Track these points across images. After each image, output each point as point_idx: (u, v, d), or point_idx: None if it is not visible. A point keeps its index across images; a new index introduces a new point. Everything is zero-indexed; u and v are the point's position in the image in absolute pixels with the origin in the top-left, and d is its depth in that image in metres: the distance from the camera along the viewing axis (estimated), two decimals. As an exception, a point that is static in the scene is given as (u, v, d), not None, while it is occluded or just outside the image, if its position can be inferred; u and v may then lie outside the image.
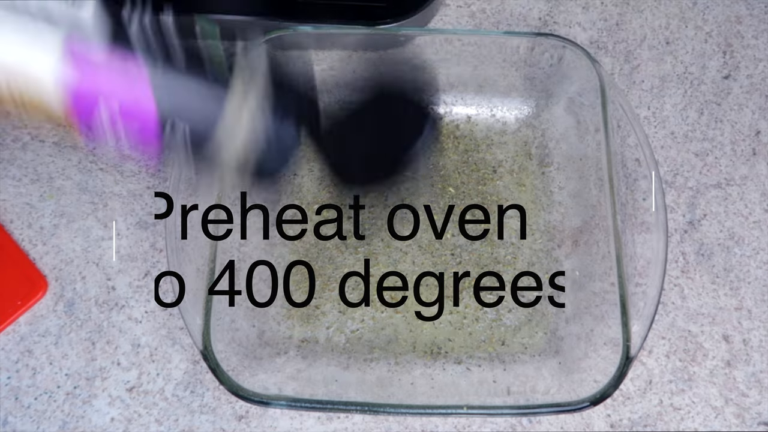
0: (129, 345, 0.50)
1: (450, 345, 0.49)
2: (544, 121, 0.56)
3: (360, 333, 0.50)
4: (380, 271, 0.51)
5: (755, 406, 0.49)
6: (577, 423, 0.48)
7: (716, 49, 0.61)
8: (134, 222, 0.53)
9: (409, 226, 0.53)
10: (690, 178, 0.56)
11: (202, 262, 0.45)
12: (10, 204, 0.54)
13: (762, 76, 0.60)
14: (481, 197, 0.54)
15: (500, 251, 0.52)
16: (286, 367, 0.48)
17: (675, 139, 0.58)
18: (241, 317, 0.48)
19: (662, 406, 0.49)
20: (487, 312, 0.50)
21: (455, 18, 0.62)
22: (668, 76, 0.60)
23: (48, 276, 0.52)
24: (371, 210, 0.53)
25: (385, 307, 0.50)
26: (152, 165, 0.55)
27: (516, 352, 0.49)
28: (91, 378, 0.49)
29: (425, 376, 0.48)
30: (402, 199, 0.54)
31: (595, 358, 0.45)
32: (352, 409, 0.42)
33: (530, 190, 0.54)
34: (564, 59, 0.52)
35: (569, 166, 0.53)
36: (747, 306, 0.52)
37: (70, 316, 0.51)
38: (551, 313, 0.50)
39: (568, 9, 0.62)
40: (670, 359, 0.50)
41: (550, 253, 0.52)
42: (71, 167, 0.55)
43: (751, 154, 0.57)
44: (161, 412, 0.48)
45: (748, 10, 0.62)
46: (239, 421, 0.48)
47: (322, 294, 0.51)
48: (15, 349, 0.50)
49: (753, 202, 0.55)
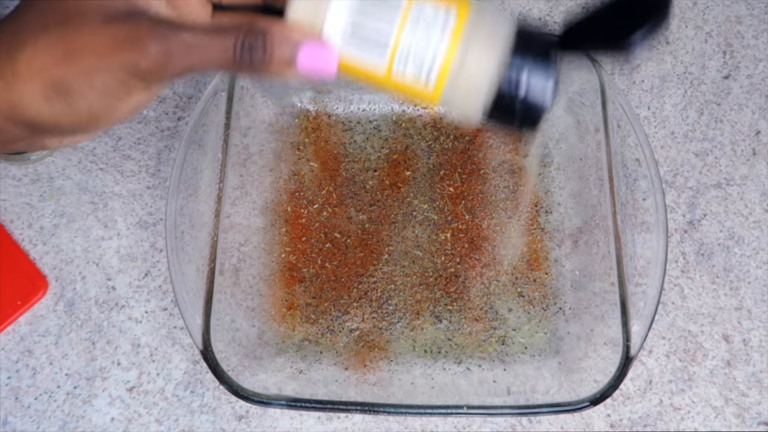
0: (129, 345, 0.50)
1: (450, 345, 0.49)
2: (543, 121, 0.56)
3: (360, 333, 0.50)
4: (380, 271, 0.51)
5: (755, 406, 0.49)
6: (577, 423, 0.49)
7: (716, 49, 0.61)
8: (134, 222, 0.53)
9: (409, 226, 0.53)
10: (690, 178, 0.56)
11: (202, 262, 0.45)
12: (10, 204, 0.54)
13: (762, 76, 0.60)
14: (481, 197, 0.54)
15: (500, 251, 0.52)
16: (286, 367, 0.48)
17: (675, 139, 0.58)
18: (241, 317, 0.48)
19: (662, 406, 0.49)
20: (487, 312, 0.50)
21: (455, 18, 0.61)
22: (668, 76, 0.60)
23: (48, 276, 0.52)
24: (371, 209, 0.53)
25: (385, 307, 0.50)
26: (152, 165, 0.55)
27: (516, 352, 0.49)
28: (91, 378, 0.49)
29: (425, 376, 0.48)
30: (402, 199, 0.54)
31: (595, 358, 0.45)
32: (352, 409, 0.42)
33: (530, 190, 0.54)
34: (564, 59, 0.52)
35: (569, 166, 0.53)
36: (747, 306, 0.52)
37: (70, 316, 0.51)
38: (551, 313, 0.50)
39: (568, 9, 0.62)
40: (670, 359, 0.50)
41: (550, 253, 0.52)
42: (71, 167, 0.55)
43: (751, 154, 0.57)
44: (161, 412, 0.48)
45: (748, 10, 0.62)
46: (239, 421, 0.48)
47: (322, 294, 0.51)
48: (15, 349, 0.50)
49: (753, 202, 0.55)
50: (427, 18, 0.29)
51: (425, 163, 0.55)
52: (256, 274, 0.50)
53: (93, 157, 0.55)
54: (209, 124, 0.49)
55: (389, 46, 0.29)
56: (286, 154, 0.55)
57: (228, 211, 0.48)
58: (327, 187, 0.54)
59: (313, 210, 0.53)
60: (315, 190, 0.54)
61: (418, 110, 0.56)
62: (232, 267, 0.48)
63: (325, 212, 0.53)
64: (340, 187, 0.54)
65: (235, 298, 0.48)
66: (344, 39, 0.30)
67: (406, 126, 0.56)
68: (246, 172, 0.52)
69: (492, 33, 0.30)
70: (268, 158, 0.54)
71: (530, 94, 0.31)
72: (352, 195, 0.54)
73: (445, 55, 0.29)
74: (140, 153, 0.56)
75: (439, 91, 0.30)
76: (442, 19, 0.29)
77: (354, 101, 0.56)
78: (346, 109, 0.56)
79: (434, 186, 0.54)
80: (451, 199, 0.54)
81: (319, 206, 0.53)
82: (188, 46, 0.28)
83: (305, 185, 0.54)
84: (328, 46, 0.30)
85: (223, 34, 0.29)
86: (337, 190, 0.54)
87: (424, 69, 0.30)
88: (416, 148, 0.55)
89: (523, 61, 0.30)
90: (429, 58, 0.29)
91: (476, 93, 0.30)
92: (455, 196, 0.54)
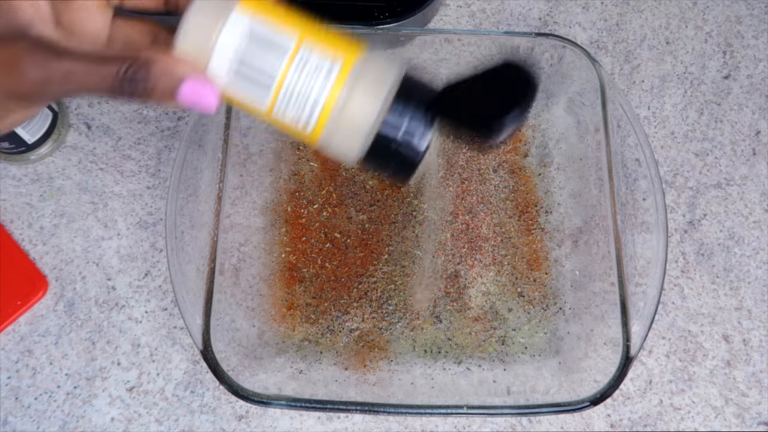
0: (129, 345, 0.50)
1: (450, 345, 0.49)
2: (544, 121, 0.56)
3: (360, 333, 0.50)
4: (380, 271, 0.51)
5: (755, 406, 0.49)
6: (577, 423, 0.49)
7: (716, 49, 0.61)
8: (134, 222, 0.53)
9: (409, 226, 0.53)
10: (690, 178, 0.56)
11: (202, 262, 0.45)
12: (10, 204, 0.54)
13: (762, 76, 0.60)
14: (481, 197, 0.54)
15: (500, 251, 0.52)
16: (286, 367, 0.48)
17: (675, 139, 0.58)
18: (241, 317, 0.48)
19: (662, 406, 0.49)
20: (487, 312, 0.50)
21: (455, 18, 0.62)
22: (668, 76, 0.60)
23: (48, 276, 0.52)
24: (371, 209, 0.53)
25: (385, 307, 0.50)
26: (152, 165, 0.55)
27: (516, 352, 0.49)
28: (91, 378, 0.49)
29: (425, 376, 0.48)
30: (402, 199, 0.54)
31: (595, 358, 0.45)
32: (352, 409, 0.42)
33: (530, 190, 0.54)
34: (564, 59, 0.52)
35: (569, 166, 0.53)
36: (747, 306, 0.52)
37: (70, 316, 0.51)
38: (551, 313, 0.50)
39: (568, 9, 0.62)
40: (670, 359, 0.50)
41: (550, 253, 0.52)
42: (71, 167, 0.55)
43: (751, 154, 0.57)
44: (161, 412, 0.48)
45: (748, 10, 0.62)
46: (239, 421, 0.48)
47: (322, 294, 0.51)
48: (15, 349, 0.50)
49: (753, 202, 0.55)
50: (312, 64, 0.30)
51: (425, 163, 0.55)
52: (256, 274, 0.50)
53: (93, 157, 0.55)
54: (209, 124, 0.49)
55: (272, 88, 0.31)
56: (286, 154, 0.55)
57: (228, 211, 0.48)
58: (327, 187, 0.54)
59: (313, 210, 0.53)
60: (315, 190, 0.54)
61: (418, 110, 0.56)
62: (232, 267, 0.48)
63: (325, 212, 0.53)
64: (340, 187, 0.54)
65: (235, 298, 0.48)
66: (229, 76, 0.31)
67: (406, 126, 0.56)
68: (246, 172, 0.52)
69: (375, 82, 0.31)
70: (268, 158, 0.54)
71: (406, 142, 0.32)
72: (352, 195, 0.54)
73: (326, 101, 0.31)
74: (140, 153, 0.56)
75: (317, 134, 0.32)
76: (327, 67, 0.31)
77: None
78: (346, 109, 0.56)
79: (434, 186, 0.54)
80: (451, 199, 0.54)
81: (319, 206, 0.53)
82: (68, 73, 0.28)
83: (305, 185, 0.54)
84: (210, 84, 0.30)
85: (105, 62, 0.28)
86: (337, 190, 0.54)
87: (305, 112, 0.31)
88: (416, 148, 0.55)
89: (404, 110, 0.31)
90: (310, 103, 0.31)
91: (355, 138, 0.32)
92: (455, 196, 0.54)
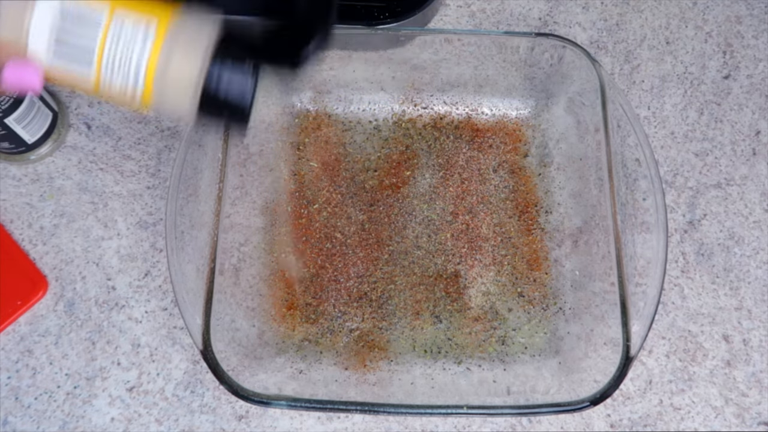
0: (129, 345, 0.50)
1: (450, 345, 0.49)
2: (544, 121, 0.56)
3: (360, 333, 0.50)
4: (380, 271, 0.51)
5: (755, 406, 0.49)
6: (577, 423, 0.49)
7: (716, 49, 0.61)
8: (134, 222, 0.53)
9: (409, 226, 0.53)
10: (690, 178, 0.56)
11: (202, 262, 0.45)
12: (10, 204, 0.54)
13: (762, 76, 0.60)
14: (481, 197, 0.54)
15: (500, 251, 0.52)
16: (286, 367, 0.48)
17: (675, 139, 0.58)
18: (241, 317, 0.48)
19: (662, 406, 0.49)
20: (487, 312, 0.50)
21: (455, 18, 0.62)
22: (668, 76, 0.60)
23: (48, 276, 0.52)
24: (371, 209, 0.53)
25: (385, 307, 0.50)
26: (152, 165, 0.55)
27: (516, 352, 0.49)
28: (91, 378, 0.49)
29: (425, 376, 0.48)
30: (402, 199, 0.54)
31: (595, 358, 0.45)
32: (352, 409, 0.42)
33: (530, 190, 0.54)
34: (564, 59, 0.52)
35: (569, 166, 0.53)
36: (747, 306, 0.52)
37: (70, 316, 0.51)
38: (551, 313, 0.50)
39: (568, 9, 0.62)
40: (670, 359, 0.50)
41: (550, 253, 0.52)
42: (71, 167, 0.55)
43: (751, 154, 0.57)
44: (161, 412, 0.48)
45: (748, 10, 0.62)
46: (239, 421, 0.48)
47: (322, 294, 0.51)
48: (15, 349, 0.50)
49: (753, 202, 0.55)
50: (127, 32, 0.32)
51: (425, 163, 0.55)
52: (256, 274, 0.50)
53: (93, 157, 0.55)
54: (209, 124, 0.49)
55: (93, 61, 0.32)
56: (286, 154, 0.55)
57: (228, 211, 0.48)
58: (327, 187, 0.54)
59: (313, 210, 0.53)
60: (315, 190, 0.54)
61: (418, 110, 0.56)
62: (232, 267, 0.48)
63: (325, 212, 0.53)
64: (340, 187, 0.54)
65: (235, 298, 0.48)
66: (49, 55, 0.32)
67: (406, 126, 0.56)
68: (246, 172, 0.52)
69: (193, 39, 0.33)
70: (268, 158, 0.54)
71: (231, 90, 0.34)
72: (352, 195, 0.54)
73: (147, 64, 0.32)
74: (140, 153, 0.56)
75: (147, 98, 0.33)
76: (142, 32, 0.32)
77: (354, 101, 0.56)
78: (346, 109, 0.56)
79: (434, 186, 0.54)
80: (451, 199, 0.54)
81: (319, 206, 0.53)
82: None
83: (305, 185, 0.54)
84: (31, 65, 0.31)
85: None
86: (337, 190, 0.54)
87: (130, 79, 0.32)
88: (416, 148, 0.55)
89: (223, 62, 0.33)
90: (134, 69, 0.32)
91: (183, 94, 0.33)
92: (455, 196, 0.54)
